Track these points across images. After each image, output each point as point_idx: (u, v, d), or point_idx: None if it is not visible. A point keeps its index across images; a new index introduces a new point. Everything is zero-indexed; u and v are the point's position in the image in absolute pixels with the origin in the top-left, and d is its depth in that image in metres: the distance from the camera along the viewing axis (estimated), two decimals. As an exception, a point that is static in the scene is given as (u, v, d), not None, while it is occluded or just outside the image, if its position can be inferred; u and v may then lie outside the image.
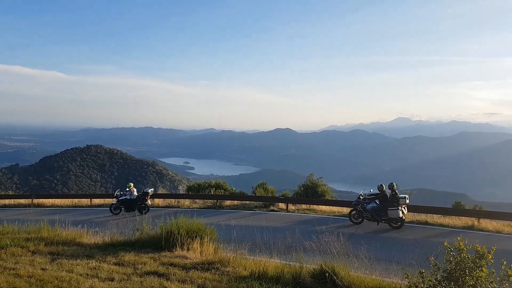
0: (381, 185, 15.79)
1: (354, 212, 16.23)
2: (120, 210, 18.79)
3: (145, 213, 17.90)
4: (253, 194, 23.99)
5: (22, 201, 25.21)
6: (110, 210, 18.93)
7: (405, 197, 15.34)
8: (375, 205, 15.71)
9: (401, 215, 15.03)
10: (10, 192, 40.36)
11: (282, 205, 20.84)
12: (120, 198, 18.80)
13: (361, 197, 16.26)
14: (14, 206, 23.85)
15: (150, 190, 19.29)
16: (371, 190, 16.44)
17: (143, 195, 18.75)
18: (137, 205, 18.58)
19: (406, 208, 15.63)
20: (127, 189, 19.00)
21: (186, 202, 22.88)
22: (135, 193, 18.93)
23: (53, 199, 25.42)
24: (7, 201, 24.84)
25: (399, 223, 15.17)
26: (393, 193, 15.42)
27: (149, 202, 19.10)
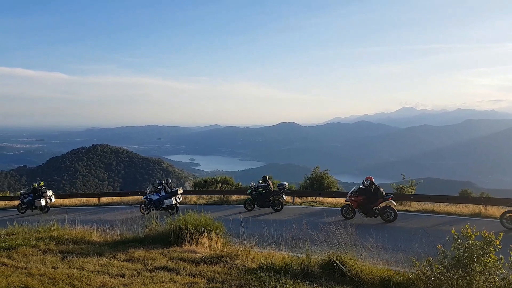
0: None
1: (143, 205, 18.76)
2: None
3: None
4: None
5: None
6: None
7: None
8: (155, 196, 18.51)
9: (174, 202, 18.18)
10: (19, 194, 40.59)
11: (288, 198, 20.88)
12: None
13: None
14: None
15: None
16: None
17: None
18: None
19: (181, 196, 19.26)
20: None
21: (193, 198, 23.01)
22: None
23: (62, 199, 25.66)
24: (16, 202, 25.08)
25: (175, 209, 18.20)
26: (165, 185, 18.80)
27: None
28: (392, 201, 15.39)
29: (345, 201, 16.09)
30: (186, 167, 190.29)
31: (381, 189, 15.26)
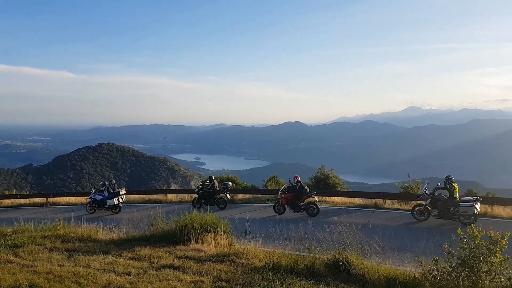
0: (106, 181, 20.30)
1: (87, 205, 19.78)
2: None
3: None
4: (265, 188, 24.05)
5: (37, 200, 25.65)
6: None
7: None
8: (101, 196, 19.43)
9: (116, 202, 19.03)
10: (25, 192, 40.95)
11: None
12: None
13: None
14: (30, 205, 24.27)
15: None
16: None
17: None
18: None
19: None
20: None
21: (198, 197, 23.00)
22: None
23: (68, 197, 25.83)
24: (22, 201, 25.28)
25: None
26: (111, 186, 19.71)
27: None
28: (315, 198, 16.89)
29: (277, 198, 17.59)
30: (191, 166, 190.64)
31: (306, 187, 16.85)
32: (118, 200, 19.19)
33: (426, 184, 15.52)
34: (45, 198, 24.98)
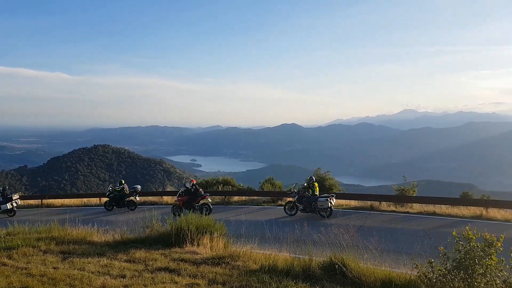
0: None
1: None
2: None
3: None
4: (261, 190, 24.03)
5: (32, 202, 25.50)
6: None
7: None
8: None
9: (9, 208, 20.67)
10: (20, 193, 40.67)
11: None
12: None
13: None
14: (24, 207, 24.11)
15: None
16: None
17: None
18: None
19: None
20: None
21: (194, 199, 22.95)
22: None
23: (63, 199, 25.70)
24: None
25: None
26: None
27: None
28: (208, 199, 17.99)
29: (175, 201, 18.53)
30: (187, 168, 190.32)
31: (200, 190, 17.97)
32: (12, 204, 20.73)
33: (295, 184, 18.13)
34: (40, 200, 24.83)
